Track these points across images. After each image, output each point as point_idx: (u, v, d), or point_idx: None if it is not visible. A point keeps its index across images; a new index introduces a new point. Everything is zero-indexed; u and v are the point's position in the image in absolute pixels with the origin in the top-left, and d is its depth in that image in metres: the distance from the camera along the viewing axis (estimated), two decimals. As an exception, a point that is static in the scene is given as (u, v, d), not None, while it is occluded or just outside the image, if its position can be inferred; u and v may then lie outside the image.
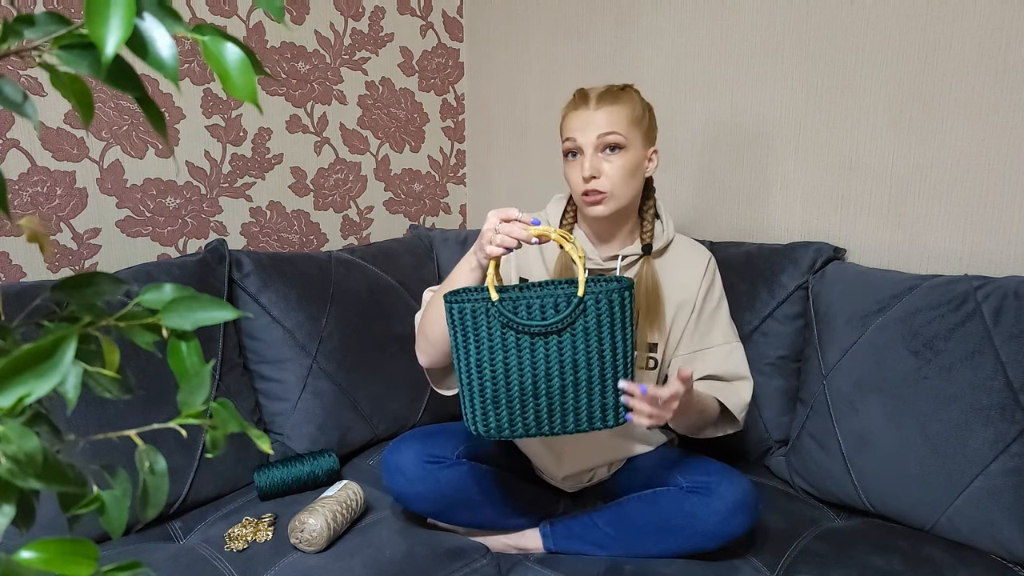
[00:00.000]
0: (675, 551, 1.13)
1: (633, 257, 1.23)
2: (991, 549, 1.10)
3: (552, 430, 1.01)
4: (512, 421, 1.00)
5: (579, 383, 0.98)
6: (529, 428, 1.01)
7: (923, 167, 1.36)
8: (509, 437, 1.02)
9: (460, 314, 0.97)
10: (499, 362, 0.98)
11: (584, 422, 1.00)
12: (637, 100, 1.18)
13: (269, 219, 1.77)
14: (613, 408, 1.00)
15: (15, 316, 1.12)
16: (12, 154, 1.38)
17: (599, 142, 1.14)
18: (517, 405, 0.99)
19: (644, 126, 1.18)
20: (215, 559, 1.13)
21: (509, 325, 0.97)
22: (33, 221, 0.47)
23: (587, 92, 1.18)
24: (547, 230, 0.98)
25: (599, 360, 0.98)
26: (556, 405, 0.99)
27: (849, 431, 1.25)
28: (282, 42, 1.72)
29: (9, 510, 0.33)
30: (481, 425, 1.01)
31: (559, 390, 0.98)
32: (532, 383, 0.98)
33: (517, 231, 0.97)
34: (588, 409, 1.00)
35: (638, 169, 1.17)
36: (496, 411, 1.00)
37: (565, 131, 1.18)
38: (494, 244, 0.99)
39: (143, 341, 0.41)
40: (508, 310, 0.96)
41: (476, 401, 1.00)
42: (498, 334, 0.97)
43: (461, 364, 1.00)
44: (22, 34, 0.35)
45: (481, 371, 0.98)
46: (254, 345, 1.48)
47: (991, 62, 1.26)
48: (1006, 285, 1.16)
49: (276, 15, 0.37)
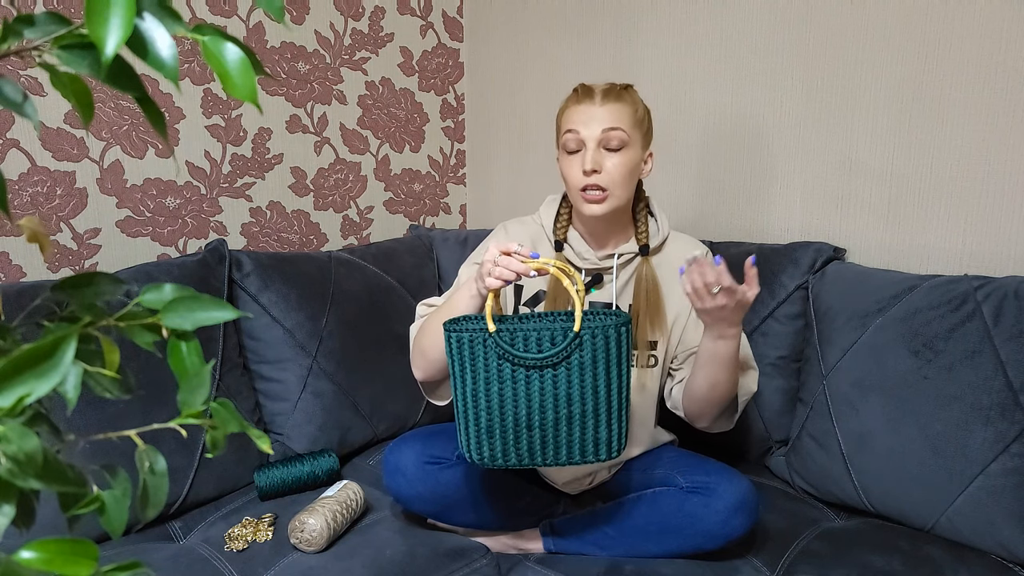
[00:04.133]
0: (675, 551, 1.13)
1: (629, 255, 1.23)
2: (991, 549, 1.10)
3: (545, 461, 1.03)
4: (506, 451, 1.02)
5: (573, 416, 1.00)
6: (523, 458, 1.02)
7: (923, 167, 1.36)
8: (503, 467, 1.03)
9: (458, 343, 0.99)
10: (495, 393, 0.99)
11: (577, 455, 1.02)
12: (639, 101, 1.18)
13: (269, 219, 1.77)
14: (606, 442, 1.01)
15: (15, 316, 1.12)
16: (12, 154, 1.38)
17: (603, 137, 1.13)
18: (511, 436, 1.01)
19: (644, 127, 1.18)
20: (215, 559, 1.13)
21: (505, 357, 0.98)
22: (33, 221, 0.47)
23: (591, 87, 1.17)
24: (546, 263, 0.99)
25: (593, 395, 0.99)
26: (550, 437, 1.01)
27: (849, 431, 1.25)
28: (282, 42, 1.72)
29: (9, 510, 0.33)
30: (475, 453, 1.03)
31: (553, 423, 1.00)
32: (527, 415, 1.00)
33: (516, 265, 0.99)
34: (581, 442, 1.01)
35: (636, 169, 1.17)
36: (490, 441, 1.01)
37: (566, 123, 1.17)
38: (493, 276, 1.00)
39: (143, 341, 0.41)
40: (505, 342, 0.98)
41: (471, 430, 1.02)
42: (495, 365, 0.99)
43: (458, 392, 1.02)
44: (22, 34, 0.35)
45: (477, 401, 1.00)
46: (254, 345, 1.48)
47: (991, 62, 1.26)
48: (1006, 285, 1.16)
49: (276, 15, 0.37)
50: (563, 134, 1.18)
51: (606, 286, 1.24)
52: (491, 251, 1.02)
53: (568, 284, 0.98)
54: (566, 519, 1.23)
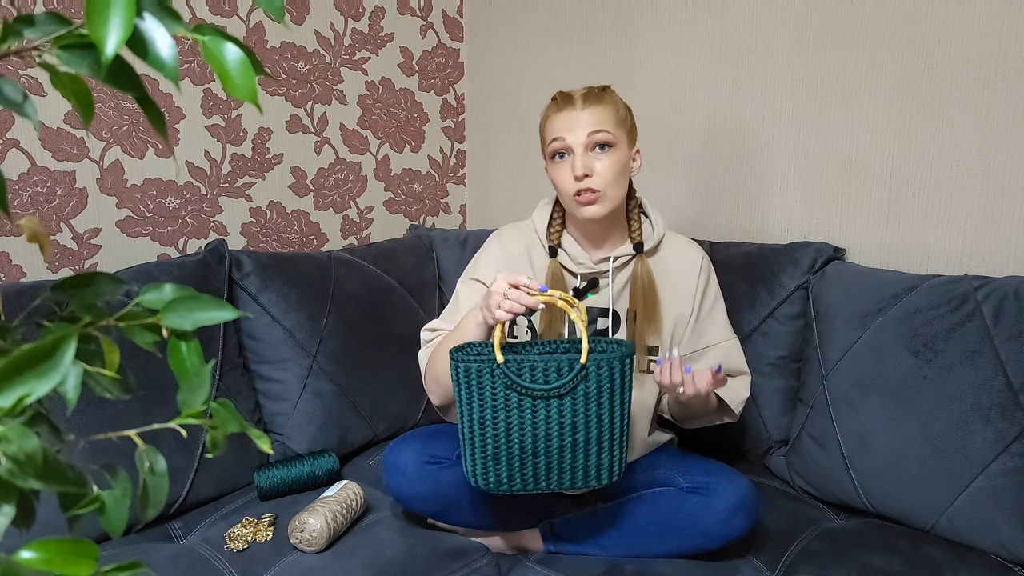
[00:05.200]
0: (675, 551, 1.13)
1: (625, 258, 1.23)
2: (991, 549, 1.10)
3: (549, 486, 1.06)
4: (511, 477, 1.05)
5: (577, 444, 1.03)
6: (527, 483, 1.06)
7: (923, 167, 1.36)
8: (507, 491, 1.06)
9: (466, 373, 1.02)
10: (501, 421, 1.02)
11: (580, 480, 1.06)
12: (619, 101, 1.20)
13: (269, 219, 1.77)
14: (607, 467, 1.06)
15: (15, 316, 1.12)
16: (12, 154, 1.38)
17: (589, 141, 1.14)
18: (517, 462, 1.04)
19: (627, 125, 1.20)
20: (215, 559, 1.13)
21: (512, 387, 1.01)
22: (33, 221, 0.47)
23: (569, 94, 1.19)
24: (552, 296, 1.02)
25: (597, 423, 1.02)
26: (554, 463, 1.04)
27: (849, 431, 1.25)
28: (282, 42, 1.72)
29: (9, 510, 0.33)
30: (481, 479, 1.06)
31: (558, 450, 1.03)
32: (532, 442, 1.03)
33: (525, 299, 1.02)
34: (584, 468, 1.05)
35: (626, 168, 1.18)
36: (496, 467, 1.04)
37: (550, 133, 1.18)
38: (503, 309, 1.02)
39: (143, 341, 0.41)
40: (512, 372, 1.00)
41: (477, 456, 1.04)
42: (501, 394, 1.01)
43: (464, 419, 1.04)
44: (22, 34, 0.35)
45: (483, 428, 1.03)
46: (254, 345, 1.48)
47: (991, 62, 1.26)
48: (1006, 285, 1.16)
49: (276, 15, 0.37)
50: (549, 143, 1.19)
51: (602, 290, 1.24)
52: (499, 283, 1.04)
53: (575, 316, 1.01)
54: (566, 519, 1.23)
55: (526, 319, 1.25)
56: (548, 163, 1.21)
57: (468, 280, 1.30)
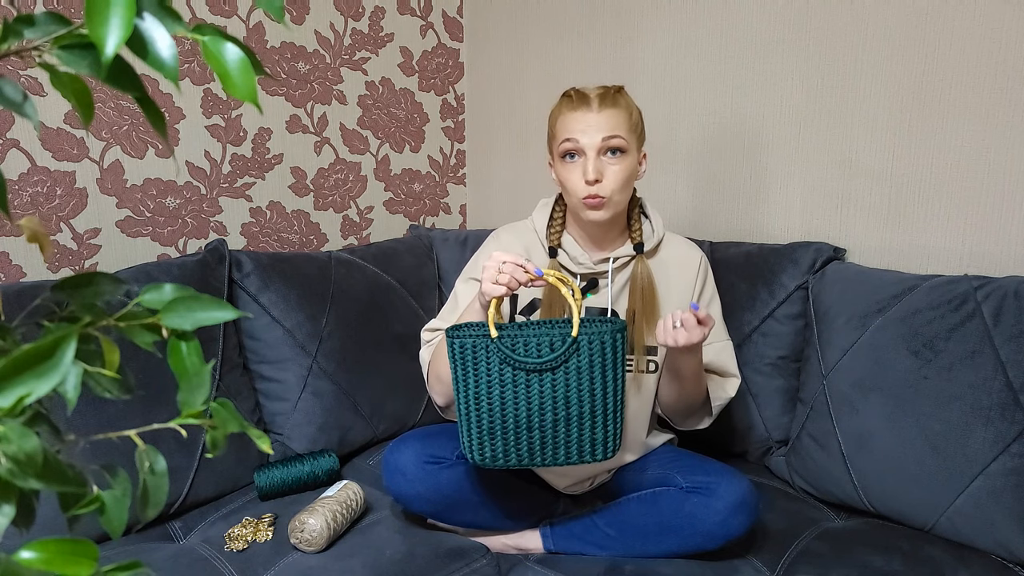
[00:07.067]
0: (675, 551, 1.13)
1: (625, 259, 1.23)
2: (991, 549, 1.10)
3: (544, 461, 1.07)
4: (507, 451, 1.06)
5: (571, 418, 1.05)
6: (523, 459, 1.07)
7: (923, 167, 1.36)
8: (504, 467, 1.08)
9: (461, 349, 1.03)
10: (496, 396, 1.04)
11: (575, 455, 1.07)
12: (632, 104, 1.18)
13: (269, 219, 1.77)
14: (602, 442, 1.07)
15: (15, 316, 1.12)
16: (12, 154, 1.38)
17: (603, 145, 1.13)
18: (512, 437, 1.05)
19: (639, 130, 1.18)
20: (215, 559, 1.13)
21: (507, 361, 1.03)
22: (33, 221, 0.47)
23: (585, 93, 1.16)
24: (546, 274, 1.05)
25: (590, 397, 1.04)
26: (549, 438, 1.06)
27: (849, 431, 1.25)
28: (282, 42, 1.72)
29: (9, 510, 0.33)
30: (477, 454, 1.07)
31: (552, 424, 1.05)
32: (527, 416, 1.04)
33: (519, 275, 1.03)
34: (579, 443, 1.06)
35: (634, 174, 1.18)
36: (492, 442, 1.06)
37: (563, 132, 1.15)
38: (499, 283, 1.03)
39: (143, 341, 0.41)
40: (507, 347, 1.02)
41: (474, 431, 1.06)
42: (496, 369, 1.03)
43: (460, 396, 1.06)
44: (22, 34, 0.35)
45: (479, 403, 1.04)
46: (254, 345, 1.48)
47: (991, 62, 1.26)
48: (1006, 285, 1.16)
49: (276, 15, 0.37)
50: (560, 142, 1.16)
51: (602, 291, 1.24)
52: (495, 258, 1.04)
53: (565, 292, 1.02)
54: (566, 519, 1.23)
55: (526, 317, 1.25)
56: (556, 161, 1.18)
57: (467, 279, 1.30)
